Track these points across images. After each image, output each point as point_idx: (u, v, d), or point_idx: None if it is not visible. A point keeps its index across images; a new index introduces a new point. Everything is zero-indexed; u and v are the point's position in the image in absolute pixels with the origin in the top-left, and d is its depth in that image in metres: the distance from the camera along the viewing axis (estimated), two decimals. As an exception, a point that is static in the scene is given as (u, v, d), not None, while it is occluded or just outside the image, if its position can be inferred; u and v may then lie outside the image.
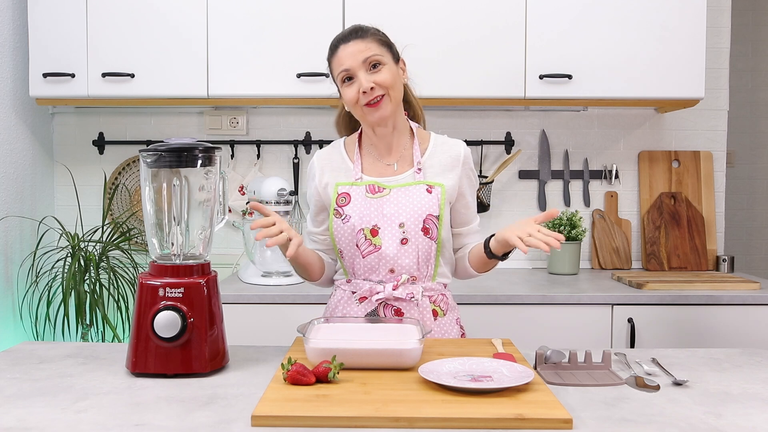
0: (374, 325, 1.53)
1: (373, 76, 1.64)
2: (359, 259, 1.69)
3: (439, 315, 1.73)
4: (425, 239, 1.68)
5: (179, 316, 1.35)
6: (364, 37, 1.66)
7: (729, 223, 3.52)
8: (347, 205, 1.70)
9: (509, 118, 3.02)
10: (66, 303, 2.67)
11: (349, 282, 1.74)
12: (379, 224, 1.67)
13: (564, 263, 2.82)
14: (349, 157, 1.77)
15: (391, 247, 1.67)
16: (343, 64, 1.65)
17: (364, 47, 1.64)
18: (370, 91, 1.63)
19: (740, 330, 2.39)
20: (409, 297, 1.67)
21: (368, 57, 1.64)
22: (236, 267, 2.90)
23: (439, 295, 1.74)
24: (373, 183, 1.71)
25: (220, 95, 2.66)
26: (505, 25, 2.62)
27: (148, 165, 1.43)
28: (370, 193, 1.70)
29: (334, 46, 1.68)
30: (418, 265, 1.69)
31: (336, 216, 1.70)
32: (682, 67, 2.61)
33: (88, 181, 3.04)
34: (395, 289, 1.67)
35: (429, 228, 1.68)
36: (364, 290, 1.69)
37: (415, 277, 1.69)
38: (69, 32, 2.64)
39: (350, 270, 1.73)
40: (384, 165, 1.75)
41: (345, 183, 1.73)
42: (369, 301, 1.69)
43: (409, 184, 1.71)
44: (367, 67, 1.64)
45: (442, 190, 1.70)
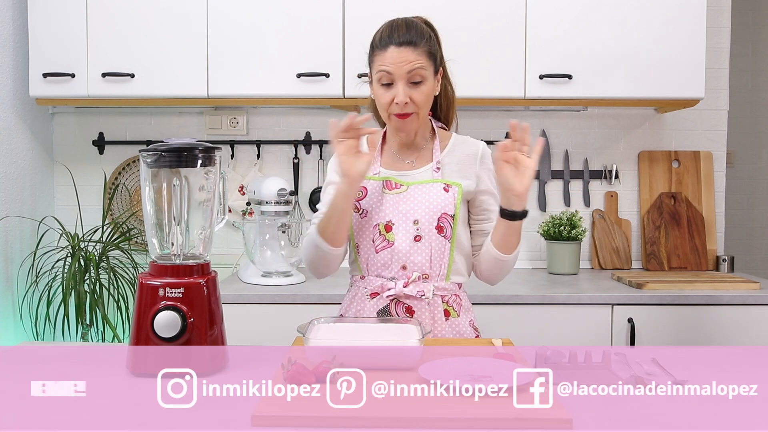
0: (374, 325, 1.53)
1: (411, 92, 1.63)
2: (372, 255, 1.69)
3: (452, 315, 1.72)
4: (439, 237, 1.67)
5: (179, 316, 1.35)
6: (416, 47, 1.63)
7: (729, 223, 3.51)
8: (363, 199, 1.69)
9: (509, 118, 3.00)
10: (66, 303, 2.67)
11: (363, 278, 1.73)
12: (393, 220, 1.67)
13: (564, 263, 2.82)
14: (370, 150, 1.75)
15: (404, 243, 1.66)
16: (388, 67, 1.63)
17: (414, 59, 1.62)
18: (403, 105, 1.63)
19: (740, 330, 2.39)
20: (419, 295, 1.66)
21: (413, 70, 1.62)
22: (236, 267, 2.90)
23: (452, 296, 1.73)
24: (390, 179, 1.71)
25: (220, 95, 2.66)
26: (505, 25, 2.62)
27: (148, 165, 1.43)
28: (387, 189, 1.69)
29: (384, 42, 1.64)
30: (430, 263, 1.68)
31: (354, 210, 1.69)
32: (682, 67, 2.61)
33: (88, 181, 3.04)
34: (406, 287, 1.66)
35: (443, 227, 1.68)
36: (376, 286, 1.69)
37: (427, 275, 1.68)
38: (69, 32, 2.64)
39: (364, 266, 1.72)
40: (402, 161, 1.75)
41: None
42: (380, 298, 1.69)
43: (426, 181, 1.71)
44: (409, 79, 1.63)
45: (459, 190, 1.70)
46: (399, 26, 1.66)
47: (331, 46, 2.62)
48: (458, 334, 1.72)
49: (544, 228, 2.87)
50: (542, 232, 2.88)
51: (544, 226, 2.87)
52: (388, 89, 1.65)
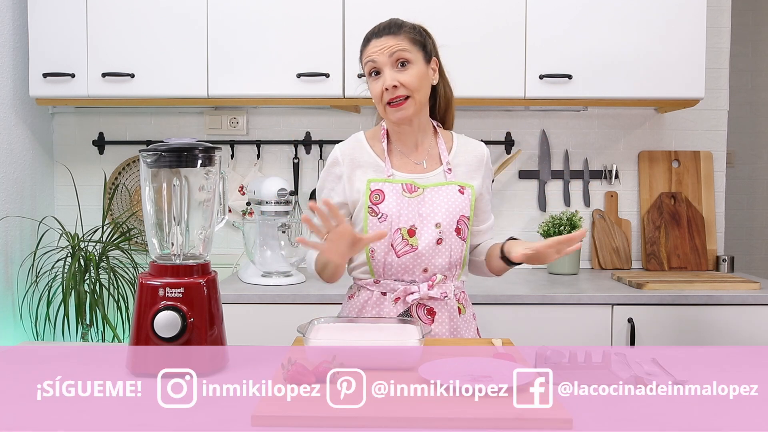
0: (374, 325, 1.53)
1: (399, 75, 1.64)
2: (393, 259, 1.67)
3: (462, 312, 1.75)
4: (457, 239, 1.69)
5: (179, 316, 1.35)
6: (396, 33, 1.66)
7: (729, 223, 3.51)
8: (382, 203, 1.67)
9: (509, 118, 3.02)
10: (66, 303, 2.67)
11: (377, 283, 1.71)
12: (416, 224, 1.66)
13: (564, 263, 2.82)
14: (375, 152, 1.74)
15: (427, 247, 1.66)
16: (371, 56, 1.65)
17: (394, 43, 1.64)
18: (392, 89, 1.63)
19: (740, 330, 2.39)
20: (443, 296, 1.68)
21: (395, 52, 1.63)
22: (236, 267, 2.90)
23: (461, 293, 1.77)
24: (409, 182, 1.70)
25: (220, 95, 2.66)
26: (505, 25, 2.62)
27: (148, 165, 1.43)
28: (407, 193, 1.68)
29: (367, 38, 1.69)
30: (450, 265, 1.69)
31: (371, 214, 1.67)
32: (682, 67, 2.61)
33: (88, 181, 3.04)
34: (430, 289, 1.67)
35: (461, 228, 1.69)
36: (399, 291, 1.68)
37: (446, 276, 1.70)
38: (69, 32, 2.64)
39: (379, 270, 1.70)
40: (413, 163, 1.74)
41: (378, 180, 1.69)
42: (403, 301, 1.68)
43: (441, 184, 1.71)
44: (395, 64, 1.64)
45: (473, 192, 1.71)
46: (382, 23, 1.70)
47: (331, 46, 2.62)
48: (468, 328, 1.76)
49: (544, 228, 2.87)
50: (542, 232, 2.88)
51: (544, 226, 2.87)
52: (377, 80, 1.66)
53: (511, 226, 3.01)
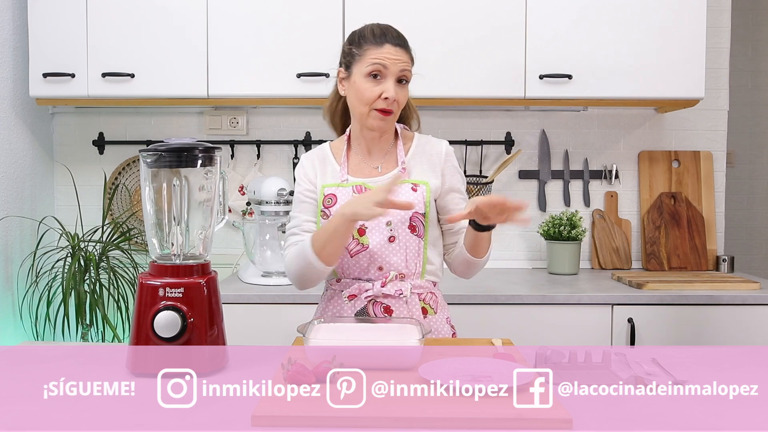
0: (374, 325, 1.54)
1: (398, 92, 1.67)
2: (347, 258, 1.71)
3: (429, 313, 1.75)
4: (413, 237, 1.70)
5: (179, 316, 1.36)
6: (406, 49, 1.69)
7: (729, 223, 3.51)
8: (333, 206, 1.71)
9: (509, 118, 3.02)
10: (66, 303, 2.67)
11: (338, 281, 1.76)
12: (366, 224, 1.69)
13: (564, 263, 2.82)
14: (335, 159, 1.78)
15: (378, 245, 1.68)
16: (384, 61, 1.65)
17: (407, 60, 1.68)
18: (392, 101, 1.65)
19: (740, 330, 2.39)
20: (397, 294, 1.69)
21: (405, 71, 1.67)
22: (236, 267, 2.90)
23: (428, 293, 1.75)
24: (359, 184, 1.72)
25: (220, 95, 2.65)
26: (505, 25, 2.62)
27: (148, 165, 1.43)
28: (356, 194, 1.70)
29: (380, 40, 1.67)
30: (406, 263, 1.70)
31: (323, 218, 1.71)
32: (682, 67, 2.61)
33: (88, 181, 3.04)
34: (384, 286, 1.68)
35: (416, 225, 1.70)
36: (353, 288, 1.71)
37: (403, 275, 1.71)
38: (69, 32, 2.64)
39: (339, 269, 1.74)
40: (370, 167, 1.76)
41: (331, 185, 1.74)
42: (358, 299, 1.71)
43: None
44: (398, 78, 1.67)
45: (427, 188, 1.72)
46: (390, 28, 1.71)
47: (331, 46, 2.61)
48: (436, 331, 1.74)
49: (544, 228, 2.87)
50: (542, 232, 2.88)
51: (544, 226, 2.87)
52: (376, 83, 1.66)
53: (510, 225, 3.00)
